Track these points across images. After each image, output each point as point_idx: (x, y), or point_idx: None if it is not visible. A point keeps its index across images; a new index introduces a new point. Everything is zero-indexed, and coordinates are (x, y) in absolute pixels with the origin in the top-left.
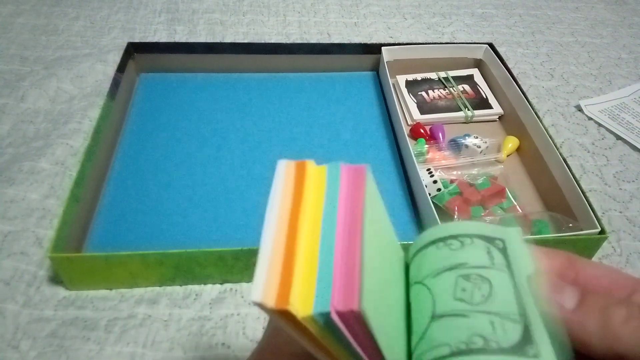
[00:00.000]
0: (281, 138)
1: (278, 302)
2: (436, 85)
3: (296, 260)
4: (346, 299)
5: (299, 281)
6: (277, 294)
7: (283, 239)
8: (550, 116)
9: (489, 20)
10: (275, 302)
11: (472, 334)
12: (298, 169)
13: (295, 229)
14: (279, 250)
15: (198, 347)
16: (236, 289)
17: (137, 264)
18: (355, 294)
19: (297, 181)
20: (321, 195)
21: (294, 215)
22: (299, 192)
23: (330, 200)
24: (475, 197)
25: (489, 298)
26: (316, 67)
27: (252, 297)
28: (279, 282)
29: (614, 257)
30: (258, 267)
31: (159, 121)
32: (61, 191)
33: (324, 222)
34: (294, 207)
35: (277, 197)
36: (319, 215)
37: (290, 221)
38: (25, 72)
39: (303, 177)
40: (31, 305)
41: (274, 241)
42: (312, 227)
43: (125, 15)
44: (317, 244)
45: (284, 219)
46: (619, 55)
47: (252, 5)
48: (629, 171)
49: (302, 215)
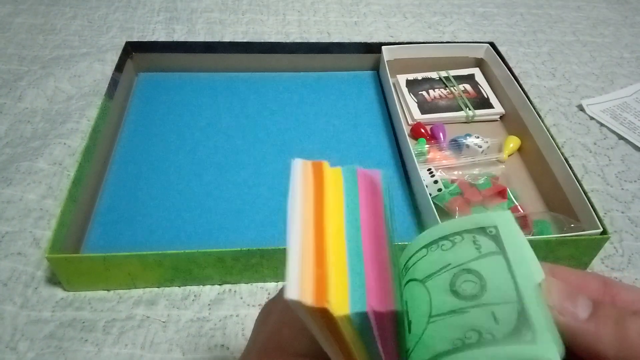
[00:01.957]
0: (281, 138)
1: (316, 301)
2: (437, 85)
3: (328, 260)
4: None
5: (333, 280)
6: (314, 292)
7: (311, 238)
8: (551, 116)
9: (490, 19)
10: (313, 300)
11: (467, 329)
12: (315, 169)
13: (321, 228)
14: (309, 250)
15: (197, 349)
16: (235, 290)
17: (136, 264)
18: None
19: (316, 181)
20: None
21: (318, 215)
22: (319, 193)
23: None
24: (477, 198)
25: (481, 290)
26: (316, 67)
27: (288, 295)
28: (314, 280)
29: (615, 258)
30: (290, 266)
31: (158, 121)
32: (59, 191)
33: (348, 223)
34: (317, 207)
35: (299, 196)
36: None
37: (315, 221)
38: (22, 72)
39: (321, 178)
40: (29, 306)
41: (302, 240)
42: (337, 227)
43: (123, 14)
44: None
45: (308, 219)
46: (621, 55)
47: (251, 4)
48: (631, 171)
49: (326, 216)
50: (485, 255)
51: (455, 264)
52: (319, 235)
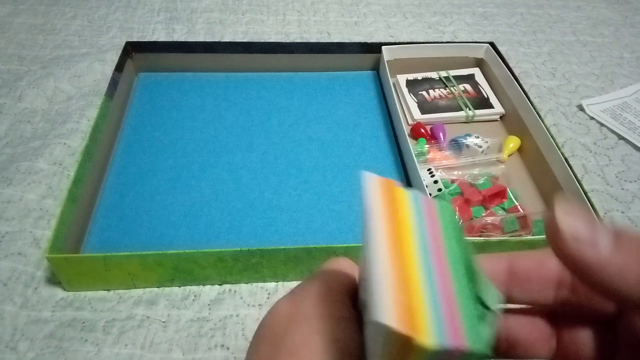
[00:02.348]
0: (281, 138)
1: (409, 329)
2: (437, 85)
3: (412, 288)
4: (457, 334)
5: (419, 310)
6: (402, 318)
7: (392, 261)
8: (551, 116)
9: (490, 19)
10: (406, 329)
11: None
12: (387, 188)
13: (401, 252)
14: (393, 274)
15: (197, 348)
16: (235, 290)
17: (136, 264)
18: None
19: (390, 201)
20: (410, 220)
21: (397, 238)
22: (394, 214)
23: (420, 229)
24: (477, 198)
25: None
26: (316, 67)
27: (385, 320)
28: (401, 306)
29: None
30: (380, 288)
31: (158, 121)
32: (59, 191)
33: (420, 249)
34: (395, 230)
35: (377, 216)
36: (413, 242)
37: (393, 243)
38: (22, 72)
39: (394, 197)
40: (29, 306)
41: (387, 263)
42: (411, 253)
43: (123, 14)
44: (418, 270)
45: (389, 241)
46: (621, 55)
47: (251, 4)
48: (631, 171)
49: (403, 240)
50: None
51: None
52: (400, 259)
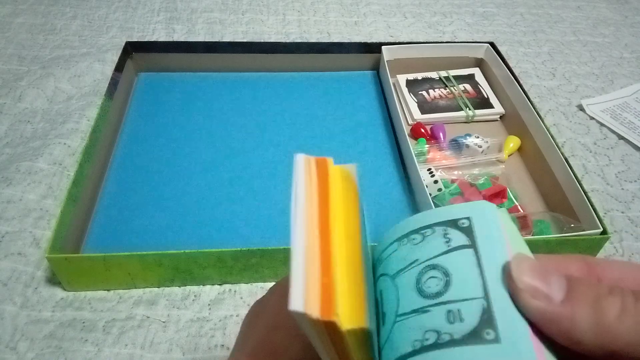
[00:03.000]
0: (280, 138)
1: (323, 314)
2: (437, 85)
3: (335, 268)
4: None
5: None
6: (321, 304)
7: (316, 242)
8: (551, 116)
9: (490, 19)
10: (320, 313)
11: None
12: (320, 166)
13: (327, 232)
14: (314, 255)
15: (197, 349)
16: (235, 290)
17: (136, 264)
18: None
19: (320, 179)
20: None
21: (323, 217)
22: (324, 192)
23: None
24: (477, 197)
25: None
26: (316, 67)
27: (292, 306)
28: (320, 291)
29: (616, 258)
30: (294, 273)
31: (158, 121)
32: (59, 191)
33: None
34: (322, 208)
35: (302, 195)
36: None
37: (320, 223)
38: (22, 72)
39: (327, 176)
40: (29, 306)
41: (306, 245)
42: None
43: (123, 14)
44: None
45: (313, 221)
46: (621, 55)
47: (251, 4)
48: (631, 171)
49: (332, 218)
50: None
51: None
52: (325, 240)
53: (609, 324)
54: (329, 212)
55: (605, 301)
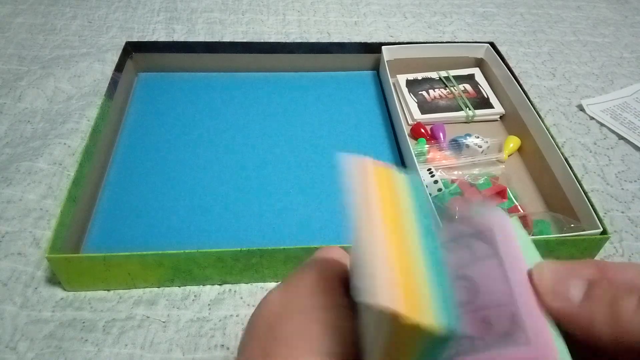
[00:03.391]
0: (280, 138)
1: (408, 311)
2: (437, 85)
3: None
4: None
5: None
6: (404, 300)
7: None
8: (551, 116)
9: (490, 19)
10: (405, 310)
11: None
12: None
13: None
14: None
15: (197, 349)
16: (235, 290)
17: (136, 264)
18: None
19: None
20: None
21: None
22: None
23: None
24: (477, 198)
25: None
26: (316, 67)
27: (379, 301)
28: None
29: (616, 258)
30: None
31: (158, 121)
32: (59, 191)
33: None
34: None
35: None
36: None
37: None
38: (22, 72)
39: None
40: (29, 306)
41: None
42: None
43: (123, 14)
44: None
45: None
46: (621, 55)
47: (251, 4)
48: (631, 171)
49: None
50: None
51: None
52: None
53: (626, 320)
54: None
55: (622, 300)
